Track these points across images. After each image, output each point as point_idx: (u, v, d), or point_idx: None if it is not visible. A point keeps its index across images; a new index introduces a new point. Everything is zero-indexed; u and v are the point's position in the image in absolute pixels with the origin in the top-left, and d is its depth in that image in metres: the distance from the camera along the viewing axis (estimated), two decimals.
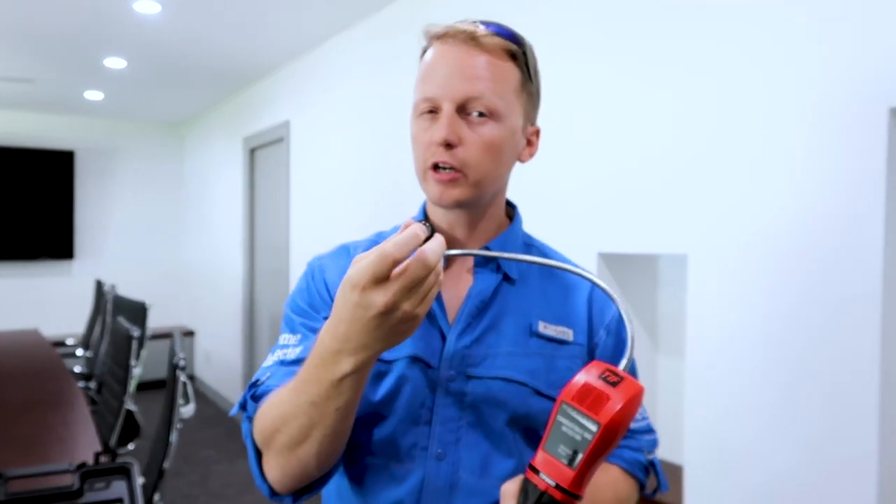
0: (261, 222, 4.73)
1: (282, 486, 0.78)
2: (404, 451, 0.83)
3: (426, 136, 0.82)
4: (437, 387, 0.83)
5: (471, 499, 0.82)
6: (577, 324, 0.88)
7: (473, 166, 0.81)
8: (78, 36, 3.53)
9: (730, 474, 1.64)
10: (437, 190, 0.82)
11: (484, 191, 0.84)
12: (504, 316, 0.86)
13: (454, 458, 0.82)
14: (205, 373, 5.84)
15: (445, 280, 0.88)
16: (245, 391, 0.83)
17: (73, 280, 5.86)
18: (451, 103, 0.79)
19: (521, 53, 0.83)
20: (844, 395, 1.42)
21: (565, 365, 0.85)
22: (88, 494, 1.28)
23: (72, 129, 5.86)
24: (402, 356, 0.83)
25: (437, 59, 0.82)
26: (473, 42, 0.80)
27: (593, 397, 0.59)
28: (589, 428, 0.59)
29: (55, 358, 3.32)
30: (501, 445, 0.83)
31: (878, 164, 1.36)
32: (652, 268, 2.13)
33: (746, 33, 1.61)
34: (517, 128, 0.85)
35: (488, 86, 0.80)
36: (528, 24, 2.21)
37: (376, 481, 0.84)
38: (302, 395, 0.70)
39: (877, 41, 1.36)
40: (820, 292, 1.46)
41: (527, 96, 0.85)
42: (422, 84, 0.83)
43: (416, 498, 0.82)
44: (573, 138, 2.07)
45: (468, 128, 0.80)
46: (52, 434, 2.14)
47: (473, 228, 0.89)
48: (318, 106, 3.77)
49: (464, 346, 0.83)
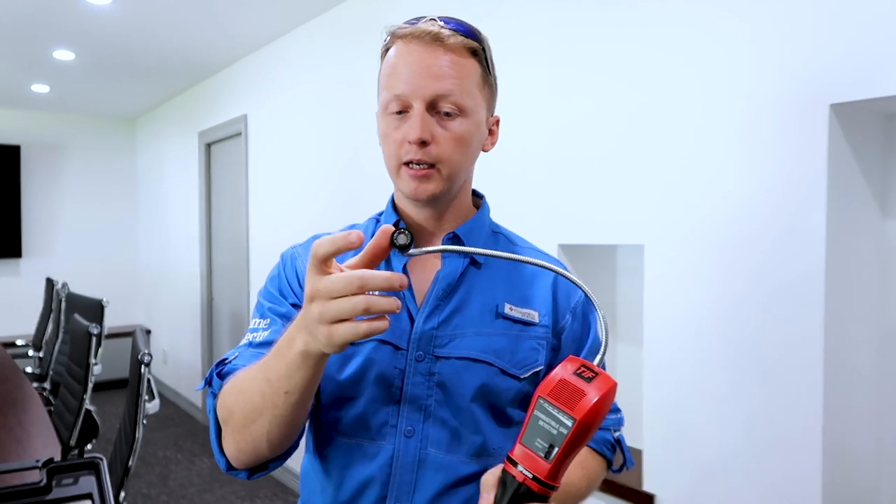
0: (218, 218, 4.66)
1: (237, 461, 0.81)
2: (375, 429, 0.86)
3: (398, 133, 0.84)
4: (406, 367, 0.86)
5: (438, 474, 0.85)
6: (542, 306, 0.91)
7: (446, 161, 0.84)
8: (24, 27, 3.42)
9: (684, 453, 1.72)
10: (412, 185, 0.85)
11: (454, 183, 0.88)
12: (470, 298, 0.90)
13: (422, 436, 0.86)
14: (162, 372, 5.73)
15: (414, 264, 0.92)
16: (212, 368, 0.86)
17: (21, 279, 5.67)
18: (421, 102, 0.82)
19: (480, 49, 0.87)
20: (789, 375, 1.50)
21: (530, 345, 0.89)
22: (56, 490, 1.27)
23: (18, 123, 5.66)
24: (369, 339, 0.86)
25: (404, 59, 0.84)
26: (438, 42, 0.83)
27: (569, 393, 0.62)
28: (565, 423, 0.61)
29: (6, 359, 3.22)
30: (468, 423, 0.86)
31: (820, 156, 1.44)
32: (610, 258, 2.20)
33: (694, 33, 1.68)
34: (482, 120, 0.89)
35: (455, 83, 0.83)
36: (487, 18, 2.25)
37: (350, 460, 0.88)
38: (261, 373, 0.74)
39: (819, 39, 1.44)
40: (766, 278, 1.54)
41: (488, 89, 0.90)
42: (389, 82, 0.85)
43: (387, 473, 0.86)
44: (534, 134, 2.12)
45: (438, 125, 0.84)
46: (10, 435, 2.09)
47: (441, 218, 0.93)
48: (276, 100, 3.74)
49: (431, 327, 0.87)
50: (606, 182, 1.91)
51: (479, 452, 0.87)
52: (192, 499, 3.48)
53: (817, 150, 1.45)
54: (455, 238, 0.92)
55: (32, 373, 3.92)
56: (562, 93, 2.04)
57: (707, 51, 1.66)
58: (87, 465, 1.29)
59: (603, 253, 2.18)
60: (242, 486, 3.64)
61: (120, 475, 1.90)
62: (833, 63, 1.42)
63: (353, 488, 0.87)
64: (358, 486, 0.87)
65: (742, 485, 1.60)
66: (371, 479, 0.86)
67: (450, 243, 0.91)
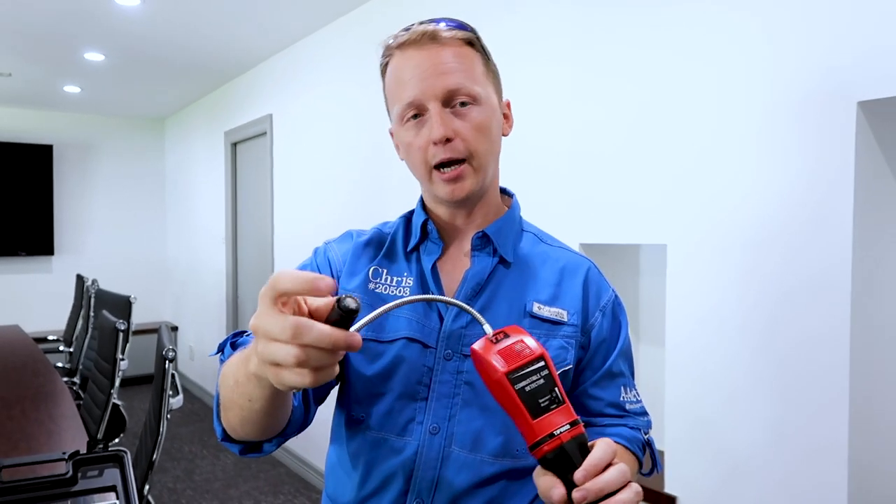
0: (244, 217, 4.72)
1: (230, 433, 0.80)
2: (401, 425, 0.87)
3: (420, 139, 0.85)
4: (435, 365, 0.86)
5: (461, 472, 0.86)
6: (571, 305, 0.91)
7: (474, 153, 0.85)
8: (56, 29, 3.50)
9: (706, 455, 1.70)
10: (447, 189, 0.86)
11: (486, 175, 0.88)
12: (499, 297, 0.90)
13: (447, 433, 0.86)
14: (189, 368, 5.82)
15: (444, 263, 0.92)
16: (229, 336, 0.87)
17: (53, 276, 5.81)
18: (435, 101, 0.83)
19: (475, 39, 0.88)
20: (815, 375, 1.47)
21: (559, 344, 0.89)
22: (82, 482, 1.30)
23: (50, 124, 5.79)
24: (398, 337, 0.87)
25: (407, 66, 0.84)
26: (435, 40, 0.84)
27: (514, 351, 0.64)
28: (539, 366, 0.64)
29: (38, 354, 3.29)
30: (494, 423, 0.86)
31: (847, 155, 1.41)
32: (633, 258, 2.18)
33: (716, 32, 1.65)
34: (496, 105, 0.89)
35: (462, 75, 0.84)
36: (512, 17, 2.25)
37: (375, 454, 0.88)
38: (236, 368, 0.72)
39: (847, 36, 1.41)
40: (790, 278, 1.51)
41: (492, 75, 0.90)
42: (398, 93, 0.86)
43: (410, 469, 0.86)
44: (557, 132, 2.11)
45: (457, 119, 0.84)
46: (40, 428, 2.14)
47: (471, 216, 0.93)
48: (301, 99, 3.77)
49: (460, 326, 0.87)
50: (629, 181, 1.89)
51: (503, 453, 0.87)
52: (217, 493, 3.53)
53: (844, 148, 1.42)
54: (484, 237, 0.92)
55: (63, 367, 4.01)
56: (584, 93, 2.02)
57: (730, 49, 1.63)
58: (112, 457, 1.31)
59: (626, 252, 2.16)
60: (266, 481, 3.69)
61: (144, 469, 1.93)
62: (861, 60, 1.39)
63: (377, 482, 0.88)
64: (382, 481, 0.87)
65: (766, 487, 1.57)
66: (394, 474, 0.87)
67: (479, 242, 0.92)
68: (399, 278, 0.92)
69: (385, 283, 0.92)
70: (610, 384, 0.93)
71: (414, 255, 0.94)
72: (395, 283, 0.92)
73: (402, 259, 0.94)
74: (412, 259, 0.94)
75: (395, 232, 0.97)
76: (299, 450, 3.81)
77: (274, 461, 4.00)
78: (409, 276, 0.92)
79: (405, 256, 0.94)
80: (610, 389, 0.93)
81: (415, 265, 0.93)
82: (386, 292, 0.91)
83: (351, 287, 0.93)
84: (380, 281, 0.92)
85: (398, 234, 0.96)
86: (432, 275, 0.91)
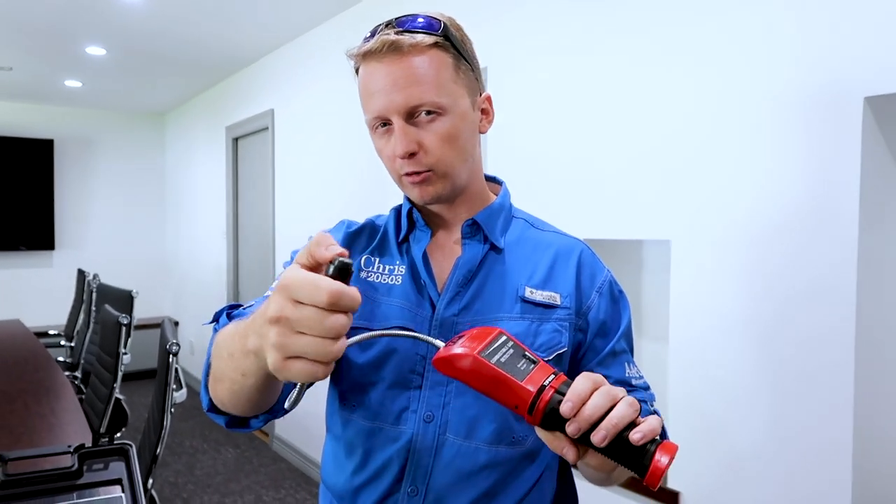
0: (245, 212, 4.71)
1: (217, 404, 0.80)
2: (395, 414, 0.88)
3: (388, 149, 0.86)
4: (428, 353, 0.87)
5: (455, 459, 0.86)
6: (564, 288, 0.91)
7: (437, 163, 0.85)
8: (57, 23, 3.49)
9: (710, 450, 1.70)
10: (416, 192, 0.88)
11: (456, 178, 0.88)
12: (491, 283, 0.90)
13: (441, 421, 0.87)
14: (190, 363, 5.82)
15: (434, 251, 0.93)
16: (226, 307, 0.87)
17: (53, 271, 5.80)
18: (398, 116, 0.83)
19: (442, 39, 0.84)
20: (819, 372, 1.47)
21: (552, 328, 0.89)
22: (87, 475, 1.30)
23: (51, 118, 5.78)
24: (389, 326, 0.88)
25: (371, 78, 0.84)
26: (395, 51, 0.82)
27: (471, 338, 0.67)
28: (502, 340, 0.67)
29: (39, 348, 3.29)
30: (488, 410, 0.87)
31: (853, 150, 1.41)
32: (637, 253, 2.18)
33: (731, 23, 1.65)
34: (466, 109, 0.87)
35: (425, 87, 0.82)
36: (511, 12, 2.24)
37: (370, 443, 0.89)
38: (231, 340, 0.71)
39: (853, 32, 1.41)
40: (795, 274, 1.51)
41: (463, 74, 0.87)
42: (365, 103, 0.86)
43: (404, 457, 0.87)
44: (560, 128, 2.11)
45: (422, 131, 0.84)
46: (42, 422, 2.14)
47: (455, 208, 0.94)
48: (303, 95, 3.77)
49: (452, 313, 0.88)
50: (633, 177, 1.89)
51: (498, 440, 0.87)
52: (218, 487, 3.54)
53: (851, 144, 1.41)
54: (474, 224, 0.93)
55: (64, 362, 4.01)
56: (587, 87, 2.02)
57: (735, 44, 1.63)
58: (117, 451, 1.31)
59: (629, 248, 2.15)
60: (267, 476, 3.69)
61: (148, 462, 1.93)
62: (867, 55, 1.38)
63: (373, 470, 0.88)
64: (377, 469, 0.88)
65: (770, 485, 1.57)
66: (389, 462, 0.87)
67: (469, 230, 0.93)
68: (391, 267, 0.93)
69: (377, 272, 0.93)
70: (613, 362, 0.93)
71: (405, 245, 0.95)
72: (386, 271, 0.93)
73: (394, 248, 0.95)
74: (403, 248, 0.95)
75: (387, 223, 0.98)
76: (300, 444, 3.82)
77: (275, 456, 4.00)
78: (400, 264, 0.93)
79: (397, 246, 0.95)
80: (614, 368, 0.93)
81: (406, 254, 0.94)
82: (378, 280, 0.92)
83: None
84: (371, 269, 0.94)
85: (390, 225, 0.98)
86: (423, 262, 0.92)
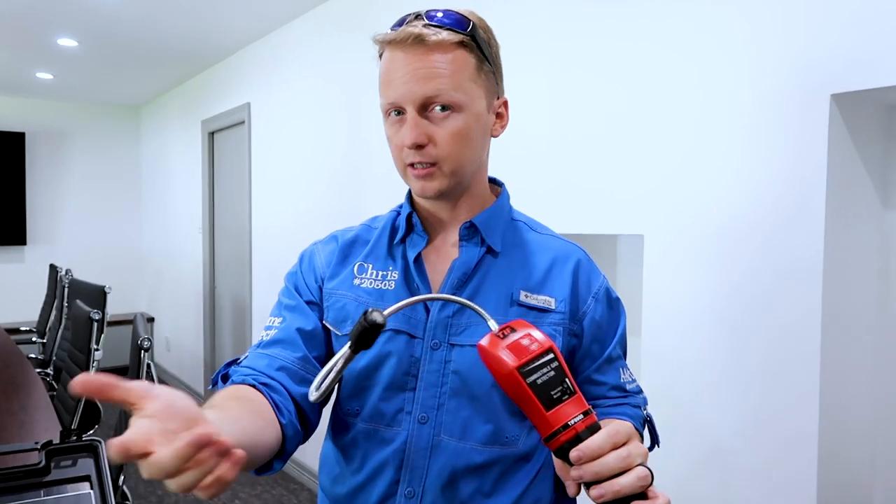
0: (221, 207, 4.67)
1: None
2: (390, 416, 0.88)
3: (398, 138, 0.86)
4: (422, 355, 0.87)
5: (450, 460, 0.87)
6: (559, 292, 0.92)
7: (445, 159, 0.85)
8: (27, 14, 3.42)
9: (681, 441, 1.72)
10: (418, 185, 0.87)
11: (461, 176, 0.88)
12: (486, 286, 0.90)
13: (436, 422, 0.87)
14: (165, 359, 5.76)
15: (429, 253, 0.93)
16: (222, 367, 0.88)
17: (25, 266, 5.71)
18: (412, 106, 0.83)
19: (469, 38, 0.84)
20: (787, 364, 1.50)
21: (547, 332, 0.89)
22: (55, 472, 1.28)
23: (22, 111, 5.67)
24: (385, 329, 0.87)
25: (392, 65, 0.84)
26: (420, 43, 0.82)
27: (521, 345, 0.65)
28: (549, 358, 0.65)
29: (10, 344, 3.24)
30: (482, 411, 0.87)
31: (820, 146, 1.43)
32: (611, 248, 2.19)
33: (693, 25, 1.66)
34: (481, 111, 0.87)
35: (444, 82, 0.82)
36: (491, 8, 2.24)
37: (366, 445, 0.89)
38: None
39: (820, 30, 1.43)
40: (765, 268, 1.54)
41: (485, 76, 0.87)
42: (383, 90, 0.86)
43: (400, 458, 0.87)
44: (534, 123, 2.11)
45: (434, 124, 0.84)
46: (13, 419, 2.11)
47: (456, 209, 0.93)
48: (279, 88, 3.74)
49: (446, 316, 0.88)
50: (607, 172, 1.91)
51: (493, 441, 0.87)
52: None
53: (818, 140, 1.44)
54: (472, 227, 0.92)
55: (36, 358, 3.94)
56: (562, 83, 2.03)
57: (707, 42, 1.65)
58: (86, 447, 1.29)
59: (604, 242, 2.17)
60: (243, 473, 3.66)
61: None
62: (834, 53, 1.41)
63: (369, 472, 0.89)
64: (373, 470, 0.88)
65: (738, 473, 1.60)
66: (385, 463, 0.88)
67: (467, 232, 0.92)
68: (384, 272, 0.93)
69: (370, 278, 0.93)
70: (609, 368, 0.95)
71: (400, 249, 0.94)
72: (380, 277, 0.93)
73: (387, 253, 0.95)
74: (398, 252, 0.94)
75: (384, 226, 0.98)
76: None
77: None
78: (394, 269, 0.92)
79: (392, 250, 0.95)
80: (610, 373, 0.94)
81: (400, 258, 0.93)
82: (371, 286, 0.92)
83: (334, 286, 0.93)
84: (365, 276, 0.93)
85: (386, 229, 0.97)
86: (416, 267, 0.91)
